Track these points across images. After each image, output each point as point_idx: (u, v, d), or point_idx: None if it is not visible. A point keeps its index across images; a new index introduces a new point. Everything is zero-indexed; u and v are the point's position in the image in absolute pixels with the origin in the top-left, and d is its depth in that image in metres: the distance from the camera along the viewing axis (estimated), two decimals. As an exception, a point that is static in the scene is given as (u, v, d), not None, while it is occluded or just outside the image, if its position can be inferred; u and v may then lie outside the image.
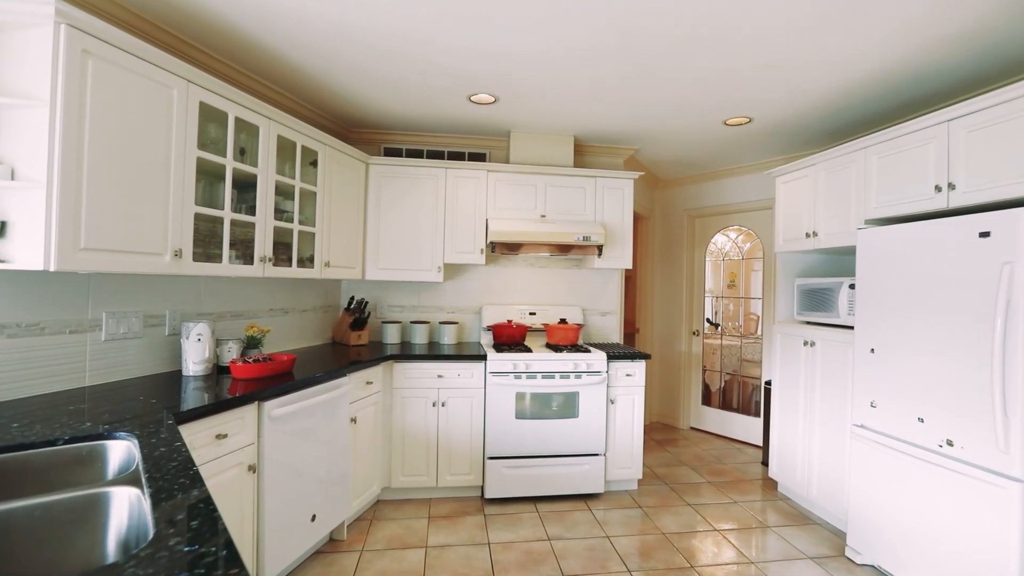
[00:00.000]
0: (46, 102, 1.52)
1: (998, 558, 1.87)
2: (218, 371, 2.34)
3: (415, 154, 3.81)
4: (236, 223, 2.34)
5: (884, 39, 2.18)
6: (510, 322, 3.56)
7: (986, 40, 2.17)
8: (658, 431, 4.92)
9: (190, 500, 0.98)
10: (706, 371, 4.96)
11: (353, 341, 3.43)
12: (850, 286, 2.84)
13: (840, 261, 3.47)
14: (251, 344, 2.54)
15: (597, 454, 3.26)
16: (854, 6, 1.94)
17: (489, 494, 3.15)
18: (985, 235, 1.94)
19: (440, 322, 3.70)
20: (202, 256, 2.16)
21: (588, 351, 3.33)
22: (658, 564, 2.50)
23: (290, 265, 2.69)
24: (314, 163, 2.91)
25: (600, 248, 3.50)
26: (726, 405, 4.81)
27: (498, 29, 2.19)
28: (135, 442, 1.34)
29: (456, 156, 3.85)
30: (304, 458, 2.30)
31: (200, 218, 2.13)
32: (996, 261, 1.90)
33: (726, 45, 2.27)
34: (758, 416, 4.45)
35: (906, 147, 2.41)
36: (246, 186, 2.43)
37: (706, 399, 4.95)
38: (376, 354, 3.07)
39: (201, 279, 2.51)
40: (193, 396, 1.88)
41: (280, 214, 2.63)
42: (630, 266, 3.73)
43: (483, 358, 3.18)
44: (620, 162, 4.12)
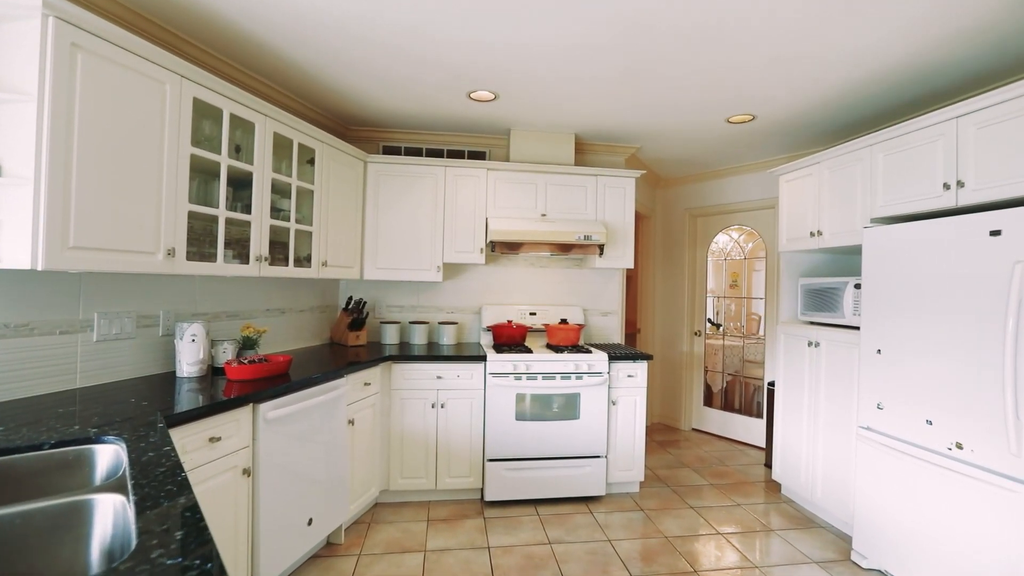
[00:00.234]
0: (34, 97, 1.48)
1: (1009, 564, 1.83)
2: (213, 372, 2.30)
3: (414, 152, 3.77)
4: (231, 222, 2.30)
5: (894, 32, 2.14)
6: (510, 322, 3.52)
7: (993, 36, 2.13)
8: (659, 432, 4.88)
9: (176, 508, 0.94)
10: (708, 372, 4.92)
11: (351, 342, 3.39)
12: (855, 286, 2.80)
13: (844, 261, 3.43)
14: (247, 345, 2.50)
15: (598, 456, 3.21)
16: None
17: (489, 497, 3.11)
18: (996, 233, 1.90)
19: (439, 322, 3.65)
20: (196, 255, 2.12)
21: (589, 352, 3.29)
22: (661, 569, 2.46)
23: (287, 264, 2.64)
24: (311, 161, 2.87)
25: (601, 247, 3.46)
26: (728, 406, 4.77)
27: (500, 22, 2.15)
28: (123, 446, 1.30)
29: (456, 154, 3.81)
30: (300, 461, 2.25)
31: (194, 216, 2.09)
32: (1007, 260, 1.86)
33: (733, 38, 2.22)
34: (760, 417, 4.41)
35: (913, 144, 2.37)
36: (242, 184, 2.39)
37: (708, 400, 4.91)
38: (374, 355, 3.03)
39: (196, 279, 2.47)
40: (186, 398, 1.83)
41: (277, 213, 2.59)
42: (631, 266, 3.68)
43: (483, 359, 3.14)
44: (621, 161, 4.08)
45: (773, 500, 3.31)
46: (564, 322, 3.60)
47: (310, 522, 2.31)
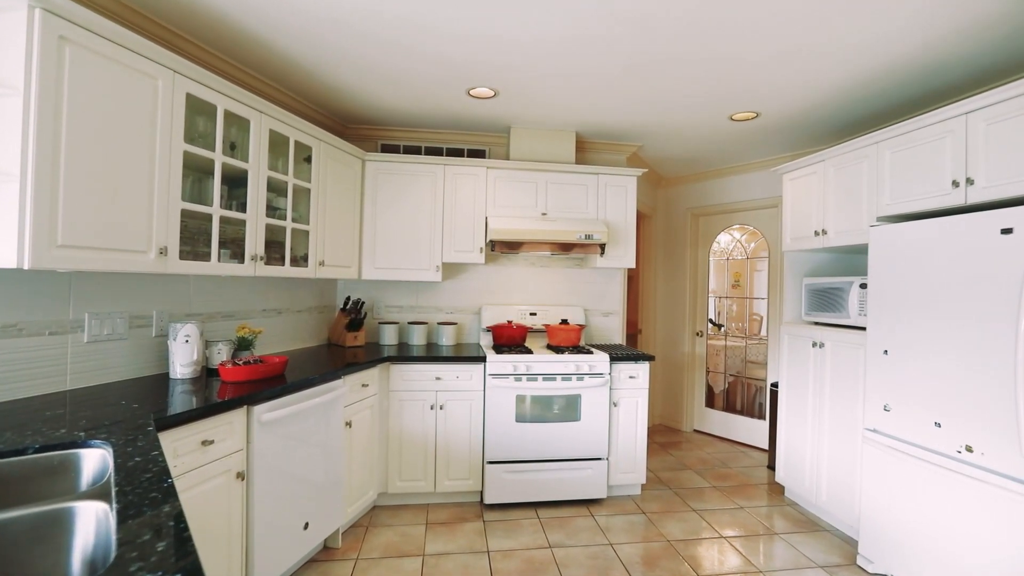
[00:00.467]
0: (20, 91, 1.44)
1: (1020, 570, 1.78)
2: (207, 374, 2.26)
3: (413, 151, 3.73)
4: (226, 220, 2.26)
5: (901, 25, 2.10)
6: (510, 323, 3.47)
7: (1005, 30, 2.09)
8: (661, 434, 4.83)
9: (160, 518, 0.89)
10: (710, 373, 4.88)
11: (349, 342, 3.35)
12: (861, 285, 2.76)
13: (849, 260, 3.39)
14: (242, 346, 2.45)
15: (599, 458, 3.17)
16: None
17: (489, 499, 3.06)
18: (1007, 231, 1.85)
19: (438, 323, 3.61)
20: (189, 254, 2.08)
21: (590, 352, 3.25)
22: (663, 574, 2.42)
23: (283, 264, 2.60)
24: (308, 159, 2.83)
25: (603, 247, 3.41)
26: (730, 407, 4.72)
27: (500, 14, 2.11)
28: (110, 451, 1.25)
29: (455, 153, 3.77)
30: (296, 464, 2.21)
31: (187, 215, 2.04)
32: (1020, 258, 1.81)
33: (738, 31, 2.17)
34: (763, 419, 4.36)
35: (921, 141, 2.33)
36: (237, 182, 2.34)
37: (709, 401, 4.87)
38: (373, 355, 2.99)
39: (191, 278, 2.43)
40: (179, 400, 1.79)
41: (273, 211, 2.55)
42: (633, 265, 3.64)
43: (482, 360, 3.09)
44: (623, 159, 4.04)
45: (776, 503, 3.27)
46: (565, 322, 3.56)
47: (306, 526, 2.27)
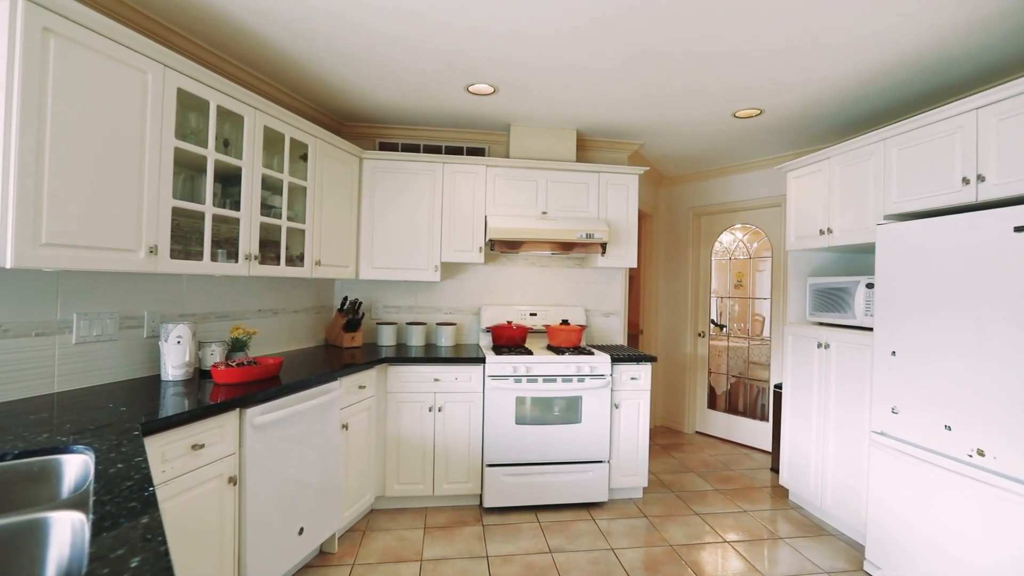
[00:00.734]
0: (2, 84, 1.39)
1: (1036, 578, 1.73)
2: (200, 376, 2.21)
3: (411, 149, 3.68)
4: (219, 219, 2.21)
5: (909, 17, 2.05)
6: (510, 323, 3.42)
7: (1016, 22, 2.04)
8: (662, 435, 4.78)
9: (137, 530, 0.84)
10: (712, 374, 4.82)
11: (346, 343, 3.30)
12: (867, 285, 2.71)
13: (854, 260, 3.33)
14: (236, 347, 2.40)
15: (600, 461, 3.12)
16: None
17: (488, 503, 3.01)
18: (1020, 230, 1.80)
19: (437, 323, 3.56)
20: (181, 253, 2.03)
21: (591, 353, 3.20)
22: (666, 579, 2.37)
23: (278, 263, 2.55)
24: (304, 157, 2.78)
25: (604, 246, 3.36)
26: (732, 409, 4.67)
27: (498, 5, 2.05)
28: (92, 457, 1.20)
29: (454, 151, 3.72)
30: (291, 468, 2.16)
31: (179, 213, 1.99)
32: (1033, 258, 1.76)
33: (741, 23, 2.12)
34: (765, 420, 4.31)
35: (930, 137, 2.28)
36: (230, 180, 2.30)
37: (712, 402, 4.81)
38: (370, 357, 2.94)
39: (183, 278, 2.38)
40: (169, 403, 1.74)
41: (267, 210, 2.50)
42: (634, 265, 3.59)
43: (482, 361, 3.04)
44: (624, 158, 3.99)
45: (780, 506, 3.21)
46: (565, 323, 3.51)
47: (301, 531, 2.22)
